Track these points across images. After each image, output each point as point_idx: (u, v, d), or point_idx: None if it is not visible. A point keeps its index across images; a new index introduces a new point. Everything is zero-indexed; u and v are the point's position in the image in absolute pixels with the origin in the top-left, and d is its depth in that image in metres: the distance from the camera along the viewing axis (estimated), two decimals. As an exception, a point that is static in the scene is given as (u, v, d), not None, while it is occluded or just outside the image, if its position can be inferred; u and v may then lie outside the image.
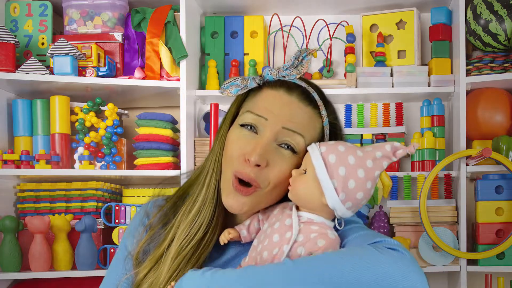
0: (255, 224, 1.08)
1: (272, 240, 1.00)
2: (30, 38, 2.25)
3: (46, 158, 2.12)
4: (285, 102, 1.04)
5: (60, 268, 2.13)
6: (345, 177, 0.98)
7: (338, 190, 0.98)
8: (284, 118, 1.02)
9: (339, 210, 1.01)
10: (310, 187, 1.00)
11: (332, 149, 1.00)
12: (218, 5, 2.40)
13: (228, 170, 1.04)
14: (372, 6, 2.39)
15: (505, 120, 2.22)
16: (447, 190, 2.27)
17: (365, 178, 0.99)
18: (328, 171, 0.98)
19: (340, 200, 0.99)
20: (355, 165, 0.99)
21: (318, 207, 1.02)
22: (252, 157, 1.00)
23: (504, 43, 2.18)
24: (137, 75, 2.22)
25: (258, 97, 1.06)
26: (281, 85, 1.05)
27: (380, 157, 1.01)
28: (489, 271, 2.17)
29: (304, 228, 1.00)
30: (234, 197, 1.03)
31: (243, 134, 1.04)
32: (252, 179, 1.01)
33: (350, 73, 2.28)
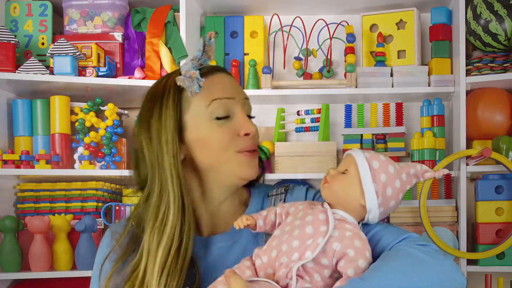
0: (271, 216, 1.11)
1: (305, 231, 1.03)
2: (30, 38, 2.25)
3: (46, 158, 2.12)
4: (229, 79, 1.16)
5: (60, 268, 2.13)
6: (385, 183, 1.05)
7: (378, 194, 1.05)
8: (239, 92, 1.15)
9: (373, 212, 1.07)
10: (351, 187, 1.06)
11: (375, 156, 1.07)
12: (218, 5, 2.40)
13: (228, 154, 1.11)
14: (372, 6, 2.39)
15: (505, 120, 2.22)
16: (447, 190, 2.27)
17: (400, 189, 1.07)
18: (371, 174, 1.05)
19: (378, 203, 1.06)
20: (394, 175, 1.06)
21: (353, 207, 1.07)
22: (252, 129, 1.12)
23: (504, 43, 2.18)
24: (137, 75, 2.22)
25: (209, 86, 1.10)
26: (211, 70, 1.14)
27: (412, 174, 1.08)
28: (489, 271, 2.17)
29: (339, 225, 1.04)
30: (250, 166, 1.13)
31: (220, 124, 1.11)
32: (255, 144, 1.14)
33: (350, 73, 2.28)
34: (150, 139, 1.11)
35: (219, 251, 1.15)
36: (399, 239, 1.07)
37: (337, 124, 2.44)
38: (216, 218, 1.18)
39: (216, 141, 1.10)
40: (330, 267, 1.02)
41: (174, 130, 1.09)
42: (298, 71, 2.42)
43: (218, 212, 1.17)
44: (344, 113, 2.40)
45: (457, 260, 2.16)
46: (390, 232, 1.09)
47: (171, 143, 1.09)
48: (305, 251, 1.01)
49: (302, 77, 2.41)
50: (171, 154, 1.09)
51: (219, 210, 1.17)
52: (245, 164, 1.12)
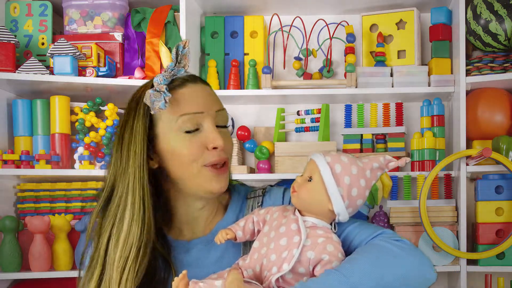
0: (249, 225, 1.14)
1: (280, 243, 1.06)
2: (30, 38, 2.25)
3: (46, 158, 2.12)
4: (201, 90, 1.14)
5: (60, 268, 2.13)
6: (350, 185, 1.07)
7: (344, 197, 1.08)
8: (211, 104, 1.14)
9: (342, 215, 1.09)
10: (317, 194, 1.08)
11: (336, 159, 1.09)
12: (218, 5, 2.40)
13: (194, 167, 1.11)
14: (372, 6, 2.39)
15: (505, 120, 2.22)
16: (447, 190, 2.27)
17: (365, 186, 1.09)
18: (335, 179, 1.07)
19: (345, 206, 1.08)
20: (357, 175, 1.08)
21: (323, 213, 1.10)
22: (220, 143, 1.11)
23: (504, 43, 2.18)
24: (137, 75, 2.22)
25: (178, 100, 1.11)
26: (184, 81, 1.14)
27: (376, 168, 1.10)
28: (489, 271, 2.17)
29: (311, 233, 1.06)
30: (216, 181, 1.13)
31: (187, 138, 1.11)
32: (224, 158, 1.13)
33: (350, 73, 2.28)
34: (121, 150, 1.13)
35: (198, 253, 1.17)
36: (373, 235, 1.10)
37: (337, 124, 2.44)
38: (196, 223, 1.20)
39: (183, 154, 1.11)
40: (307, 274, 1.06)
41: (142, 142, 1.11)
42: (298, 71, 2.42)
43: (198, 218, 1.20)
44: (344, 113, 2.40)
45: (457, 260, 2.17)
46: (364, 229, 1.12)
47: (139, 155, 1.11)
48: (282, 263, 1.04)
49: (302, 77, 2.41)
50: (137, 164, 1.11)
51: (199, 215, 1.19)
52: (212, 178, 1.12)
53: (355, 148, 2.34)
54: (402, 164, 1.11)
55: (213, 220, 1.21)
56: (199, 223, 1.20)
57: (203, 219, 1.20)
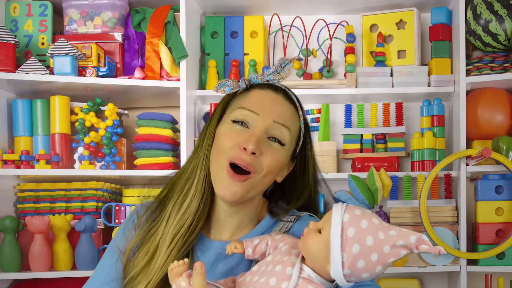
0: (262, 247, 1.09)
1: (269, 282, 1.00)
2: (30, 38, 2.25)
3: (46, 158, 2.12)
4: (273, 99, 1.15)
5: (60, 268, 2.13)
6: (356, 255, 0.95)
7: (345, 265, 0.96)
8: (273, 113, 1.13)
9: (339, 281, 0.99)
10: (320, 249, 0.98)
11: (354, 222, 0.96)
12: (218, 5, 2.40)
13: (221, 160, 1.11)
14: (372, 6, 2.39)
15: (505, 120, 2.22)
16: (447, 190, 2.27)
17: (377, 262, 0.96)
18: (342, 243, 0.95)
19: (344, 274, 0.97)
20: (371, 247, 0.95)
21: (321, 269, 1.00)
22: (249, 145, 1.08)
23: (504, 43, 2.18)
24: (137, 75, 2.22)
25: (247, 96, 1.15)
26: (268, 86, 1.17)
27: (400, 246, 0.96)
28: (489, 271, 2.17)
29: (301, 285, 0.99)
30: (228, 185, 1.10)
31: (235, 129, 1.12)
32: (249, 163, 1.09)
33: (350, 73, 2.28)
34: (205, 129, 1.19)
35: (214, 255, 1.17)
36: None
37: (337, 124, 2.44)
38: (225, 227, 1.19)
39: (220, 140, 1.12)
40: None
41: (214, 124, 1.16)
42: (298, 71, 2.42)
43: (225, 223, 1.18)
44: (344, 113, 2.40)
45: (457, 260, 2.17)
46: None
47: (210, 136, 1.15)
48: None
49: (302, 77, 2.41)
50: (208, 143, 1.15)
51: (228, 220, 1.18)
52: (224, 180, 1.10)
53: (355, 148, 2.34)
54: (436, 253, 0.95)
55: (242, 231, 1.19)
56: (227, 227, 1.19)
57: (232, 226, 1.18)
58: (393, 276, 2.31)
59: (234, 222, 1.18)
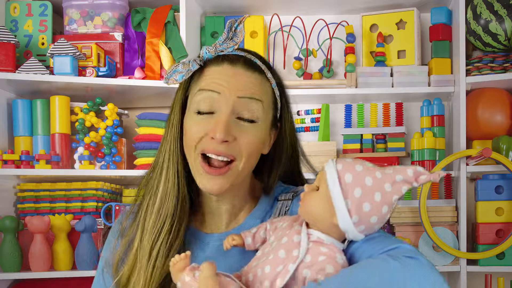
0: (261, 233, 1.04)
1: (278, 255, 0.95)
2: (30, 38, 2.25)
3: (46, 158, 2.12)
4: (231, 73, 1.02)
5: (60, 268, 2.13)
6: (360, 198, 0.92)
7: (352, 212, 0.93)
8: (235, 88, 1.01)
9: (350, 232, 0.95)
10: (322, 206, 0.95)
11: (349, 168, 0.94)
12: (218, 5, 2.40)
13: (194, 155, 1.02)
14: (372, 6, 2.39)
15: (505, 120, 2.22)
16: (447, 190, 2.27)
17: (382, 202, 0.93)
18: (342, 190, 0.93)
19: (353, 222, 0.94)
20: (372, 187, 0.93)
21: (329, 227, 0.96)
22: (217, 133, 0.98)
23: (504, 43, 2.18)
24: (137, 75, 2.22)
25: (204, 76, 1.03)
26: (223, 59, 1.03)
27: (400, 181, 0.93)
28: (489, 271, 2.17)
29: (313, 248, 0.95)
30: (210, 181, 1.01)
31: (200, 118, 1.01)
32: (223, 152, 0.99)
33: (350, 73, 2.28)
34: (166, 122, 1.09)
35: (216, 251, 1.09)
36: (383, 250, 0.93)
37: (337, 124, 2.44)
38: (218, 218, 1.11)
39: (188, 135, 1.03)
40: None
41: (178, 113, 1.06)
42: (298, 71, 2.42)
43: (219, 211, 1.10)
44: (344, 113, 2.40)
45: (457, 260, 2.17)
46: (374, 245, 0.95)
47: (175, 126, 1.06)
48: (276, 278, 0.93)
49: (302, 77, 2.41)
50: (172, 136, 1.06)
51: (220, 211, 1.10)
52: (204, 176, 1.02)
53: (355, 148, 2.34)
54: (435, 179, 0.92)
55: (238, 218, 1.11)
56: (221, 217, 1.10)
57: (226, 214, 1.10)
58: (393, 276, 2.31)
59: (227, 209, 1.09)
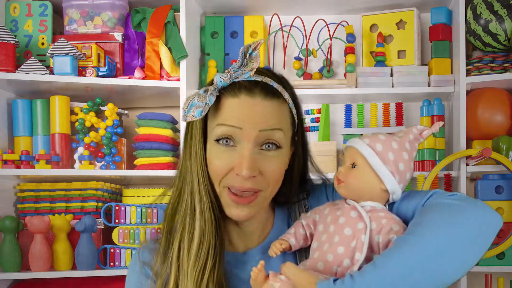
0: (300, 230, 1.08)
1: (344, 234, 1.01)
2: (30, 38, 2.25)
3: (46, 158, 2.12)
4: (251, 105, 0.99)
5: (60, 268, 2.13)
6: (395, 161, 1.04)
7: (394, 173, 1.04)
8: (257, 122, 0.98)
9: (396, 192, 1.06)
10: (367, 178, 1.05)
11: (375, 139, 1.07)
12: (218, 5, 2.40)
13: (218, 187, 1.02)
14: (372, 6, 2.39)
15: (505, 120, 2.22)
16: (447, 190, 2.27)
17: (409, 159, 1.06)
18: (380, 158, 1.04)
19: (397, 182, 1.05)
20: (399, 149, 1.06)
21: (377, 195, 1.06)
22: (243, 172, 0.97)
23: (504, 43, 2.18)
24: (137, 75, 2.22)
25: (223, 108, 1.00)
26: (240, 88, 1.00)
27: (413, 139, 1.08)
28: (489, 271, 2.17)
29: (373, 216, 1.02)
30: (237, 211, 1.02)
31: (221, 150, 1.00)
32: (249, 188, 1.00)
33: (350, 73, 2.28)
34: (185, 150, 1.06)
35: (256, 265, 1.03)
36: (425, 199, 1.03)
37: (337, 124, 2.44)
38: (247, 235, 1.12)
39: (213, 169, 1.02)
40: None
41: (199, 142, 1.03)
42: (298, 71, 2.42)
43: (247, 230, 1.11)
44: (344, 113, 2.40)
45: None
46: (412, 199, 1.05)
47: (200, 156, 1.03)
48: (354, 253, 0.99)
49: (302, 77, 2.41)
50: (198, 166, 1.03)
51: (247, 228, 1.11)
52: (231, 204, 1.02)
53: (355, 148, 2.34)
54: (436, 130, 1.08)
55: (265, 229, 1.12)
56: (251, 235, 1.11)
57: (257, 230, 1.11)
58: (393, 276, 2.31)
59: (257, 227, 1.11)
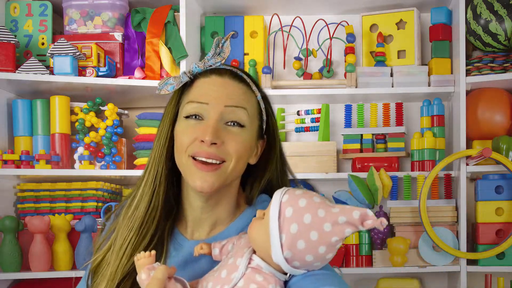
0: (229, 246, 1.05)
1: (221, 275, 0.98)
2: (30, 38, 2.25)
3: (46, 158, 2.12)
4: (219, 84, 1.11)
5: (60, 268, 2.13)
6: (295, 235, 0.92)
7: (284, 247, 0.93)
8: (223, 98, 1.09)
9: (283, 266, 0.95)
10: (262, 235, 0.96)
11: (292, 201, 0.94)
12: (218, 5, 2.40)
13: (184, 158, 1.09)
14: (372, 6, 2.39)
15: (505, 120, 2.22)
16: (447, 190, 2.27)
17: (318, 241, 0.92)
18: (279, 224, 0.93)
19: (285, 257, 0.94)
20: (309, 226, 0.92)
21: (268, 257, 0.96)
22: (206, 136, 1.05)
23: (504, 43, 2.18)
24: (137, 75, 2.22)
25: (193, 88, 1.12)
26: (211, 72, 1.13)
27: (343, 223, 0.92)
28: (489, 271, 2.17)
29: (249, 275, 0.96)
30: (200, 177, 1.07)
31: (190, 124, 1.09)
32: (212, 154, 1.06)
33: (350, 73, 2.28)
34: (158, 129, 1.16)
35: (189, 255, 1.12)
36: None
37: (337, 124, 2.44)
38: (201, 225, 1.16)
39: (179, 139, 1.10)
40: None
41: (169, 122, 1.13)
42: (298, 71, 2.42)
43: (201, 220, 1.15)
44: (344, 113, 2.40)
45: (457, 260, 2.17)
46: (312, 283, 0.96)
47: (164, 134, 1.13)
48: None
49: (302, 77, 2.41)
50: (160, 143, 1.13)
51: (202, 217, 1.15)
52: (194, 173, 1.07)
53: (355, 148, 2.34)
54: (379, 226, 0.90)
55: (218, 227, 1.15)
56: (203, 225, 1.15)
57: (208, 223, 1.15)
58: (393, 276, 2.31)
59: (211, 218, 1.14)
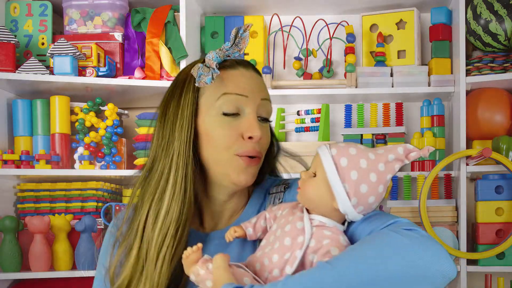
0: (261, 222, 1.06)
1: (284, 243, 0.97)
2: (30, 38, 2.25)
3: (46, 158, 2.12)
4: (249, 76, 1.09)
5: (60, 268, 2.13)
6: (357, 181, 0.95)
7: (350, 195, 0.96)
8: (258, 90, 1.09)
9: (350, 214, 0.98)
10: (321, 191, 0.98)
11: (343, 152, 0.97)
12: (218, 5, 2.40)
13: (227, 156, 1.06)
14: (372, 6, 2.39)
15: (505, 120, 2.22)
16: (447, 190, 2.27)
17: (377, 182, 0.97)
18: (339, 175, 0.96)
19: (352, 205, 0.97)
20: (367, 169, 0.96)
21: (329, 211, 0.98)
22: (255, 133, 1.05)
23: (504, 43, 2.18)
24: (137, 75, 2.22)
25: (224, 80, 1.06)
26: (234, 63, 1.10)
27: (393, 160, 0.97)
28: (489, 271, 2.17)
29: (317, 233, 0.97)
30: (246, 172, 1.06)
31: (227, 121, 1.06)
32: (257, 149, 1.07)
33: (350, 73, 2.28)
34: (164, 124, 1.09)
35: (216, 248, 1.09)
36: (383, 226, 0.97)
37: (337, 124, 2.44)
38: (219, 217, 1.14)
39: (218, 137, 1.05)
40: None
41: (190, 116, 1.07)
42: (298, 71, 2.42)
43: (221, 212, 1.14)
44: (344, 113, 2.40)
45: (457, 260, 2.17)
46: (372, 222, 0.99)
47: (186, 129, 1.06)
48: (285, 266, 0.95)
49: (302, 77, 2.41)
50: (182, 140, 1.06)
51: (223, 209, 1.14)
52: (241, 169, 1.06)
53: (355, 148, 2.34)
54: (425, 154, 0.96)
55: (235, 213, 1.14)
56: (224, 216, 1.14)
57: (229, 213, 1.14)
58: (393, 276, 2.31)
59: (232, 208, 1.14)
